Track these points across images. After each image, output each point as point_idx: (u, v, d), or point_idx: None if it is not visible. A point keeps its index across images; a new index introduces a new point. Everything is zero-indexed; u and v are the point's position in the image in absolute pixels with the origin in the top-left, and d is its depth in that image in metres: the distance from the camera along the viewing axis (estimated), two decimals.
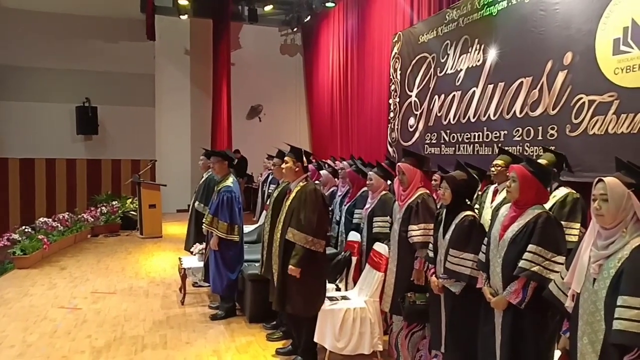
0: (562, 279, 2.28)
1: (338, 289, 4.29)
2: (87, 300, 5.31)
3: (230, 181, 4.68)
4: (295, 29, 13.45)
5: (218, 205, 4.57)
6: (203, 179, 5.73)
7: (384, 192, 4.30)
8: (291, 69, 14.04)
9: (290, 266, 3.55)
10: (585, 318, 2.10)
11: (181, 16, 11.29)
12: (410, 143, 7.80)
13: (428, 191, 3.83)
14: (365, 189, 4.62)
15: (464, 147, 6.55)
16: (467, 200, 3.22)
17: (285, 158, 3.72)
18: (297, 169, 3.67)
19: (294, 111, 14.00)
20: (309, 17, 11.93)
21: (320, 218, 3.61)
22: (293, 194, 3.65)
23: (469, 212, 3.08)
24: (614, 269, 2.01)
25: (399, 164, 3.94)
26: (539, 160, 3.47)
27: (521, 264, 2.48)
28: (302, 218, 3.56)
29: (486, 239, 2.80)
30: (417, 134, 7.74)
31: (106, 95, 12.90)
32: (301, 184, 3.66)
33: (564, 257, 2.39)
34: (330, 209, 5.59)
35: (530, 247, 2.49)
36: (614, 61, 4.37)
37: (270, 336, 4.24)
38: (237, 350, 4.01)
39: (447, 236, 3.06)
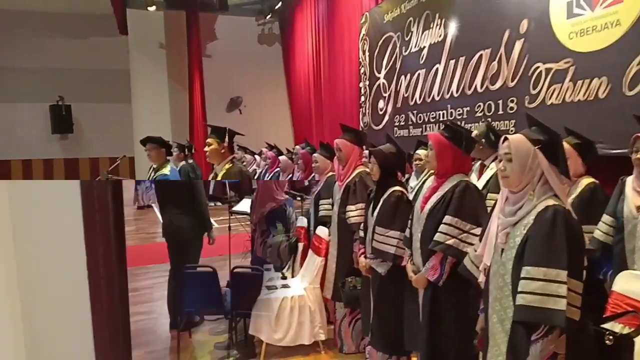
0: (476, 251, 2.06)
1: (284, 277, 4.07)
2: None
3: (167, 169, 4.45)
4: (269, 16, 13.15)
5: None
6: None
7: (330, 174, 4.06)
8: (270, 58, 13.71)
9: None
10: (494, 294, 1.87)
11: (149, 8, 10.96)
12: (380, 127, 7.54)
13: (367, 169, 3.61)
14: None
15: (430, 127, 6.30)
16: (397, 174, 3.01)
17: (208, 140, 3.48)
18: (222, 150, 3.44)
19: (275, 101, 13.70)
20: (280, 3, 11.66)
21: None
22: (219, 178, 3.42)
23: (396, 188, 2.85)
24: (519, 237, 1.77)
25: (336, 140, 3.72)
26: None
27: (436, 237, 2.26)
28: None
29: (412, 214, 2.58)
30: (386, 117, 7.49)
31: (80, 92, 12.66)
32: (227, 166, 3.43)
33: None
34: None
35: (446, 218, 2.26)
36: (568, 25, 4.11)
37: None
38: None
39: (375, 213, 2.84)
